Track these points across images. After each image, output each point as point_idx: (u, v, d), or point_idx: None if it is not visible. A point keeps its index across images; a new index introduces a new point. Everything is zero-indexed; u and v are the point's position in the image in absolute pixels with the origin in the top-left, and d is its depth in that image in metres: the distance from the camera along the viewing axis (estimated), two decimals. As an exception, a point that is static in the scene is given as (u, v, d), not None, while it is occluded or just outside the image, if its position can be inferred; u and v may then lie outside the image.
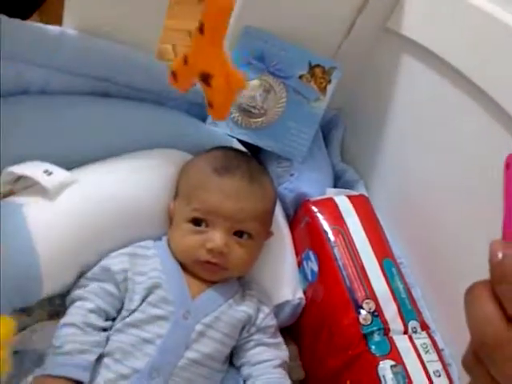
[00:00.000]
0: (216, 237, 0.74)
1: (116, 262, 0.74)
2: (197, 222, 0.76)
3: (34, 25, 0.76)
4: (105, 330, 0.71)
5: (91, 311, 0.70)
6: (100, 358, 0.69)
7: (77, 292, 0.73)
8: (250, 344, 0.77)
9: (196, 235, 0.76)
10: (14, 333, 0.70)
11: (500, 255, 0.38)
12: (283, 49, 0.91)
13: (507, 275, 0.37)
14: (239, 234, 0.77)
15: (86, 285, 0.73)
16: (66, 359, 0.66)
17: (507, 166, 0.45)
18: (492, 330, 0.36)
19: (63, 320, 0.70)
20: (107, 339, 0.70)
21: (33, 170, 0.73)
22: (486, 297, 0.38)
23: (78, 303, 0.71)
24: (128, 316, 0.71)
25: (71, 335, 0.68)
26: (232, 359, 0.78)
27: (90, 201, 0.75)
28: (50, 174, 0.72)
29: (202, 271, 0.76)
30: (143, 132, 0.87)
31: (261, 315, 0.78)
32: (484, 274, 0.42)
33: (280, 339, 0.80)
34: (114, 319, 0.73)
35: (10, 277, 0.65)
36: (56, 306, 0.76)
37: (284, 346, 0.80)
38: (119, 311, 0.73)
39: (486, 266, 0.79)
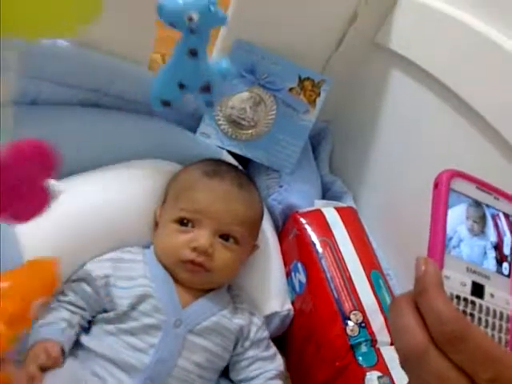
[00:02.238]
0: (201, 236, 0.74)
1: (98, 266, 0.75)
2: (183, 222, 0.76)
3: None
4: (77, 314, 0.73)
5: (64, 302, 0.72)
6: (94, 357, 0.69)
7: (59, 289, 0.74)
8: (246, 361, 0.77)
9: (181, 235, 0.76)
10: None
11: (422, 270, 0.40)
12: (273, 62, 0.92)
13: (427, 288, 0.39)
14: (225, 237, 0.77)
15: (68, 283, 0.74)
16: (39, 330, 0.68)
17: (435, 185, 0.46)
18: (413, 342, 0.38)
19: None
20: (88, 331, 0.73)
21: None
22: (407, 309, 0.39)
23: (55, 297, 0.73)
24: (117, 319, 0.72)
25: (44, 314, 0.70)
26: (229, 374, 0.78)
27: (76, 211, 0.75)
28: (38, 183, 0.72)
29: (185, 272, 0.75)
30: (133, 143, 0.87)
31: (253, 328, 0.78)
32: None
33: (273, 350, 0.80)
34: (92, 317, 0.74)
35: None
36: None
37: (279, 356, 0.80)
38: (98, 312, 0.74)
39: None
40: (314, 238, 0.86)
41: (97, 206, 0.77)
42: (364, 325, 0.77)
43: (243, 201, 0.79)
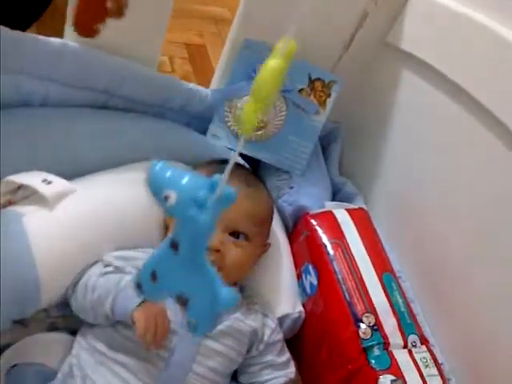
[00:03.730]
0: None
1: (112, 260, 0.74)
2: None
3: (35, 37, 0.76)
4: None
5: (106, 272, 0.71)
6: (106, 361, 0.68)
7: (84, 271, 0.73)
8: (258, 366, 0.76)
9: None
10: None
11: None
12: (283, 62, 0.91)
13: None
14: (236, 235, 0.76)
15: (94, 264, 0.73)
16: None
17: None
18: None
19: (85, 278, 0.71)
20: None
21: (32, 179, 0.72)
22: None
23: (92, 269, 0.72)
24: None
25: (115, 278, 0.69)
26: (238, 377, 0.78)
27: (88, 210, 0.75)
28: (48, 183, 0.72)
29: None
30: (142, 144, 0.87)
31: (267, 331, 0.77)
32: (484, 288, 0.40)
33: (287, 356, 0.79)
34: None
35: (9, 287, 0.65)
36: (53, 318, 0.75)
37: (292, 363, 0.79)
38: None
39: (486, 281, 0.79)
40: (325, 239, 0.86)
41: (105, 207, 0.77)
42: (376, 327, 0.77)
43: (251, 198, 0.79)
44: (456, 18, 0.82)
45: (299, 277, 0.87)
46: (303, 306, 0.85)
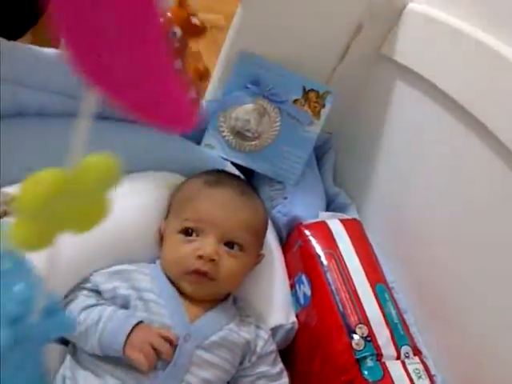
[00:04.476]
0: (207, 244, 0.74)
1: (103, 280, 0.74)
2: (187, 232, 0.76)
3: (30, 47, 0.76)
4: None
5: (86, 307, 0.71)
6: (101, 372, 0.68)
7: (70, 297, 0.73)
8: (251, 377, 0.76)
9: (187, 244, 0.75)
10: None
11: None
12: (278, 74, 0.92)
13: None
14: (230, 245, 0.76)
15: (77, 294, 0.73)
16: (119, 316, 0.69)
17: None
18: None
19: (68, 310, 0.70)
20: None
21: (27, 190, 0.72)
22: None
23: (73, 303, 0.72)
24: None
25: (94, 316, 0.69)
26: None
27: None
28: (44, 194, 0.72)
29: (190, 285, 0.74)
30: (137, 155, 0.87)
31: (260, 342, 0.77)
32: (477, 299, 0.40)
33: (280, 367, 0.79)
34: None
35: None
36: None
37: (285, 374, 0.79)
38: None
39: (480, 292, 0.79)
40: (318, 250, 0.86)
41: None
42: (370, 338, 0.77)
43: (246, 208, 0.79)
44: (449, 31, 0.83)
45: (292, 287, 0.87)
46: (296, 316, 0.85)
